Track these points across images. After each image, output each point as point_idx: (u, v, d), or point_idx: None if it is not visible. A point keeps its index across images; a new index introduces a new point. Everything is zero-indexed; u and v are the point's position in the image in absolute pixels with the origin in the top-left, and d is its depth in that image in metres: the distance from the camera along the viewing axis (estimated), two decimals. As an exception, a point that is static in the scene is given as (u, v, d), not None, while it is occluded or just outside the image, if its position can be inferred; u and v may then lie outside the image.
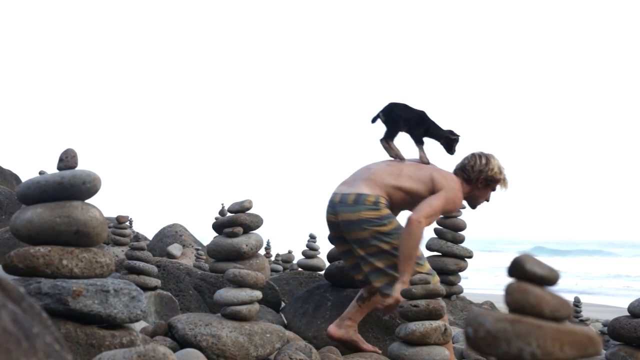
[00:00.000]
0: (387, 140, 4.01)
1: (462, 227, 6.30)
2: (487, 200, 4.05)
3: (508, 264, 1.20)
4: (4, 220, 7.01)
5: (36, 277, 2.46)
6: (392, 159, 4.03)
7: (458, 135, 4.02)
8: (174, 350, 3.15)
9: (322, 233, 6.36)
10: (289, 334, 3.95)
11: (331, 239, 4.11)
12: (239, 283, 3.33)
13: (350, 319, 4.05)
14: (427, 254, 6.92)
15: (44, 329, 1.19)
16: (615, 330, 4.17)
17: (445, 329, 3.52)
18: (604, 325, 6.06)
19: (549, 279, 1.18)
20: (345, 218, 3.76)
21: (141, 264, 4.08)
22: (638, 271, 29.48)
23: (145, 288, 4.01)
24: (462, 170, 3.97)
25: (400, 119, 3.96)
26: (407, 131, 4.03)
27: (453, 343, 4.44)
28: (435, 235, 6.80)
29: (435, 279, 3.90)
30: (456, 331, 4.92)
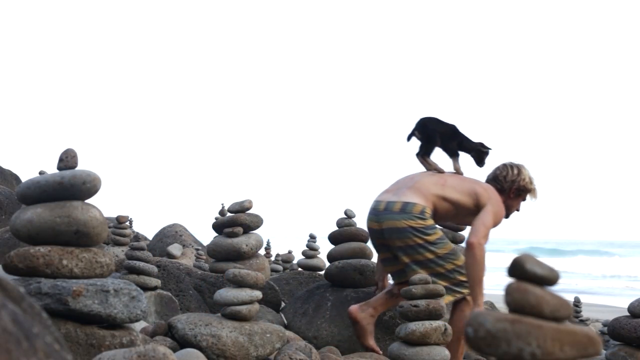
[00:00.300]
0: (424, 156, 4.05)
1: (461, 227, 6.29)
2: (518, 210, 4.13)
3: (508, 264, 1.20)
4: (4, 220, 7.01)
5: (36, 277, 2.46)
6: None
7: (489, 149, 4.08)
8: (174, 350, 3.15)
9: (322, 233, 6.37)
10: (289, 334, 3.96)
11: (374, 246, 4.14)
12: (239, 283, 3.33)
13: (375, 308, 4.08)
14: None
15: (44, 329, 1.19)
16: (615, 330, 4.18)
17: (445, 329, 3.53)
18: (604, 325, 6.06)
19: (549, 279, 1.18)
20: (390, 226, 3.79)
21: (141, 264, 4.08)
22: (638, 271, 29.46)
23: (145, 288, 4.01)
24: (495, 181, 4.06)
25: (436, 133, 4.01)
26: (441, 145, 4.07)
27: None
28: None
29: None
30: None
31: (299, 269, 7.18)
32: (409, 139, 4.07)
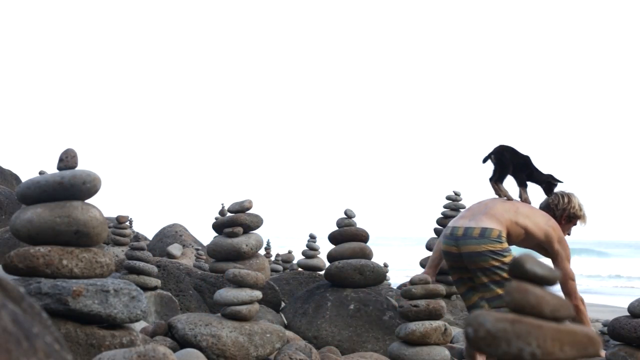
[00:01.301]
0: (497, 182, 4.31)
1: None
2: (569, 234, 4.45)
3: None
4: (4, 220, 7.02)
5: (36, 277, 2.46)
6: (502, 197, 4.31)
7: (559, 181, 4.37)
8: (174, 350, 3.15)
9: (322, 233, 6.38)
10: (289, 334, 3.96)
11: (449, 268, 4.27)
12: (239, 283, 3.33)
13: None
14: (427, 253, 6.96)
15: (44, 329, 1.19)
16: (615, 330, 4.18)
17: (445, 329, 3.53)
18: (604, 325, 6.06)
19: (549, 279, 1.18)
20: (470, 250, 4.09)
21: (141, 264, 4.09)
22: (638, 271, 29.50)
23: (145, 288, 4.01)
24: (547, 208, 4.45)
25: (511, 163, 4.26)
26: (512, 174, 4.31)
27: (452, 343, 4.45)
28: (435, 235, 6.81)
29: None
30: (456, 331, 4.93)
31: (299, 269, 7.18)
32: (484, 161, 4.34)
